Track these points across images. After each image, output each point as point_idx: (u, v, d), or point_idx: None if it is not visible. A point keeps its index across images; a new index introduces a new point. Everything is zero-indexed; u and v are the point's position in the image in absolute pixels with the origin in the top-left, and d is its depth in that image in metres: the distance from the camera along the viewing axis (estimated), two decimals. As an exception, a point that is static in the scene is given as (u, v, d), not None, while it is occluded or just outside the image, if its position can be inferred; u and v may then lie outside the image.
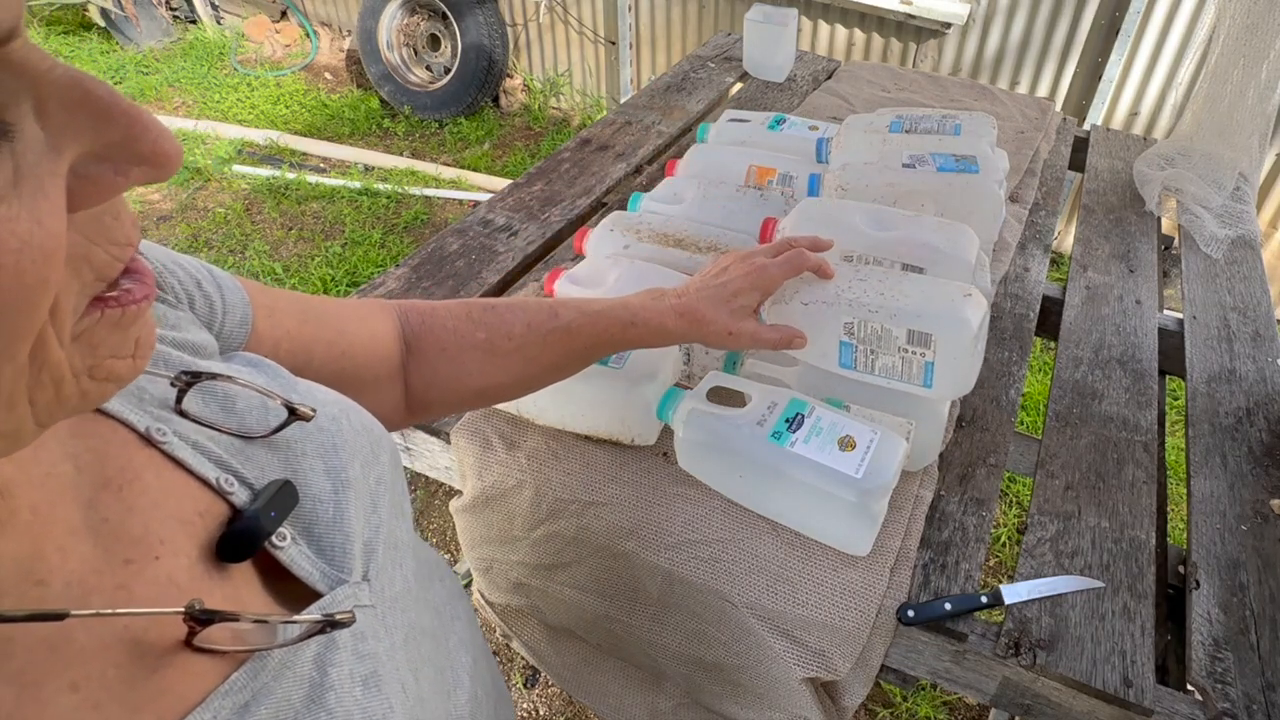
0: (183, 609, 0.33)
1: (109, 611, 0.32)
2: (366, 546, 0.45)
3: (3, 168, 0.23)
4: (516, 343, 0.67)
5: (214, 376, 0.43)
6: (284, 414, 0.44)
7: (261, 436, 0.43)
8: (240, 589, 0.39)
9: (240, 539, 0.39)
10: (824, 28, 3.22)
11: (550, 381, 0.73)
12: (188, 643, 0.34)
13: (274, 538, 0.40)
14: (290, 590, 0.41)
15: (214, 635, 0.34)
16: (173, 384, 0.41)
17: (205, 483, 0.40)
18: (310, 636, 0.38)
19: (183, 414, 0.41)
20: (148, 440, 0.39)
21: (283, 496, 0.41)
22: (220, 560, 0.38)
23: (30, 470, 0.33)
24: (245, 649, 0.36)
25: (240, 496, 0.40)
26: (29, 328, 0.25)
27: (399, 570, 0.48)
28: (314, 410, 0.45)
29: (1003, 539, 2.14)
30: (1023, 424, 2.34)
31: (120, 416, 0.39)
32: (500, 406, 0.96)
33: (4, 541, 0.31)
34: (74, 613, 0.30)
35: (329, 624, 0.38)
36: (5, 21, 0.22)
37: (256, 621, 0.37)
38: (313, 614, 0.38)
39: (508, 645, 1.90)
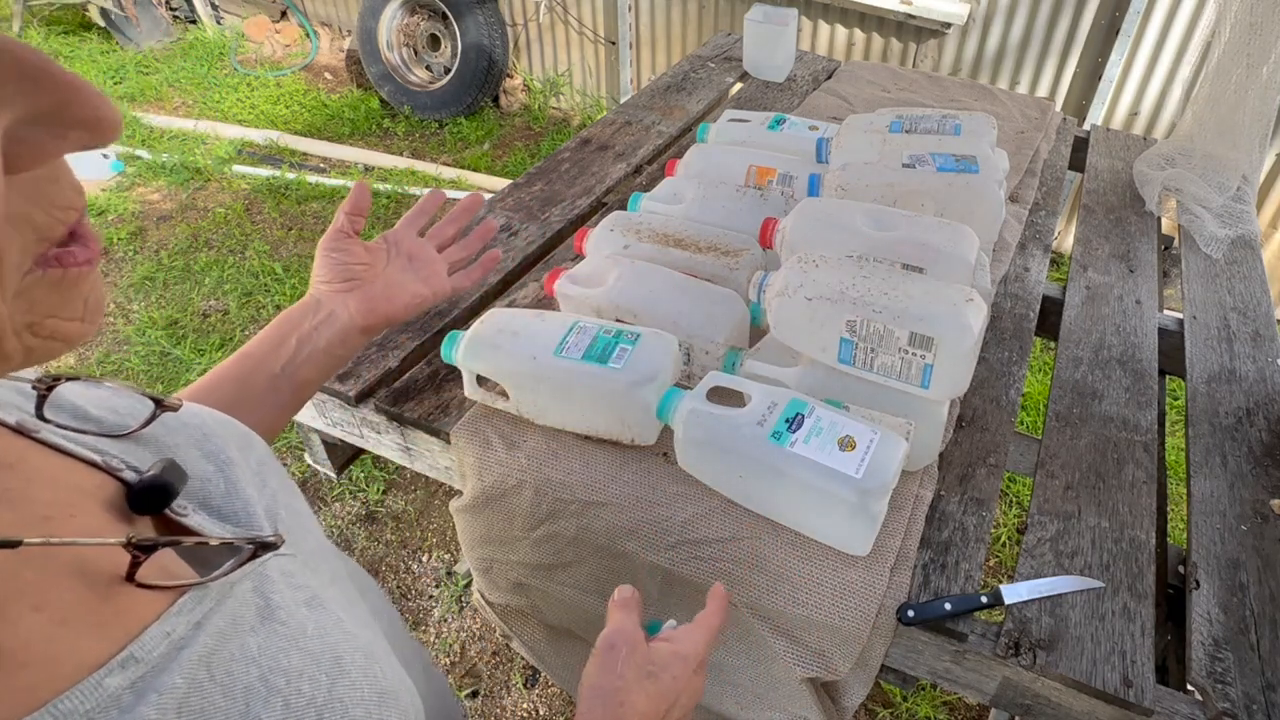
0: (124, 540, 0.35)
1: (57, 541, 0.34)
2: (268, 511, 0.47)
3: None
4: None
5: (75, 377, 0.44)
6: (149, 408, 0.45)
7: (130, 433, 0.44)
8: None
9: (153, 490, 0.40)
10: (824, 28, 3.22)
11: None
12: (129, 578, 0.35)
13: (175, 507, 0.41)
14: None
15: (149, 572, 0.36)
16: (34, 387, 0.42)
17: (92, 464, 0.41)
18: (243, 564, 0.40)
19: (43, 419, 0.42)
20: (20, 432, 0.40)
21: (172, 470, 0.42)
22: (134, 512, 0.40)
23: None
24: (179, 583, 0.37)
25: (129, 474, 0.41)
26: None
27: (308, 533, 0.50)
28: (180, 400, 0.47)
29: (1003, 539, 2.14)
30: (1023, 424, 2.34)
31: None
32: (500, 406, 0.96)
33: None
34: (27, 541, 0.31)
35: (260, 545, 0.40)
36: None
37: (198, 543, 0.39)
38: (237, 543, 0.40)
39: (508, 645, 1.90)
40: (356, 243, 0.77)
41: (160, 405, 0.46)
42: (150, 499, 0.40)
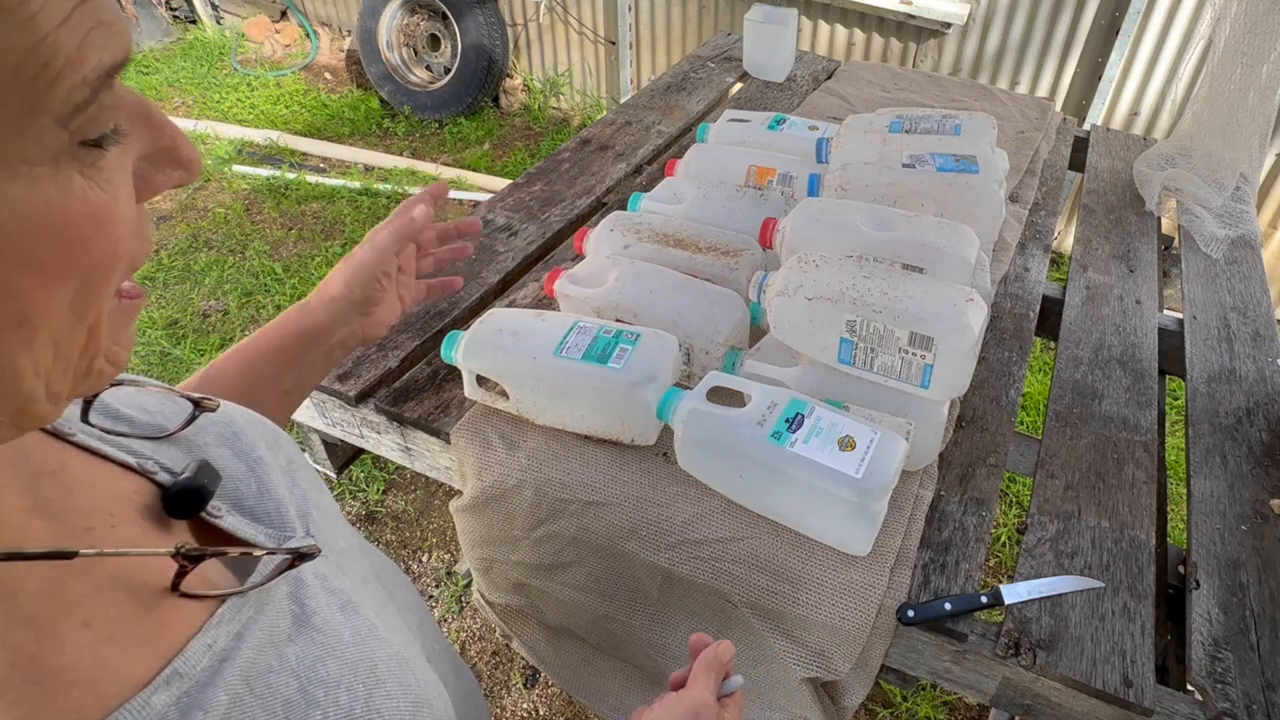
0: (173, 550, 0.36)
1: (111, 551, 0.35)
2: (300, 511, 0.47)
3: (108, 163, 0.29)
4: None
5: (117, 383, 0.45)
6: (187, 409, 0.46)
7: (168, 435, 0.45)
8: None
9: (187, 494, 0.41)
10: (824, 28, 3.22)
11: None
12: (173, 587, 0.37)
13: (210, 509, 0.42)
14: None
15: (190, 582, 0.37)
16: None
17: (127, 467, 0.42)
18: (280, 573, 0.40)
19: (89, 424, 0.42)
20: (57, 436, 0.41)
21: (206, 471, 0.43)
22: (171, 516, 0.41)
23: None
24: (221, 593, 0.38)
25: (163, 476, 0.42)
26: (108, 293, 0.30)
27: (338, 532, 0.51)
28: (218, 402, 0.47)
29: (1003, 539, 2.14)
30: (1023, 424, 2.34)
31: None
32: (500, 406, 0.96)
33: None
34: (82, 552, 0.33)
35: (297, 556, 0.41)
36: (126, 53, 0.28)
37: (243, 554, 0.40)
38: (278, 553, 0.41)
39: (508, 645, 1.90)
40: (394, 265, 0.74)
41: (199, 407, 0.46)
42: (185, 503, 0.41)
